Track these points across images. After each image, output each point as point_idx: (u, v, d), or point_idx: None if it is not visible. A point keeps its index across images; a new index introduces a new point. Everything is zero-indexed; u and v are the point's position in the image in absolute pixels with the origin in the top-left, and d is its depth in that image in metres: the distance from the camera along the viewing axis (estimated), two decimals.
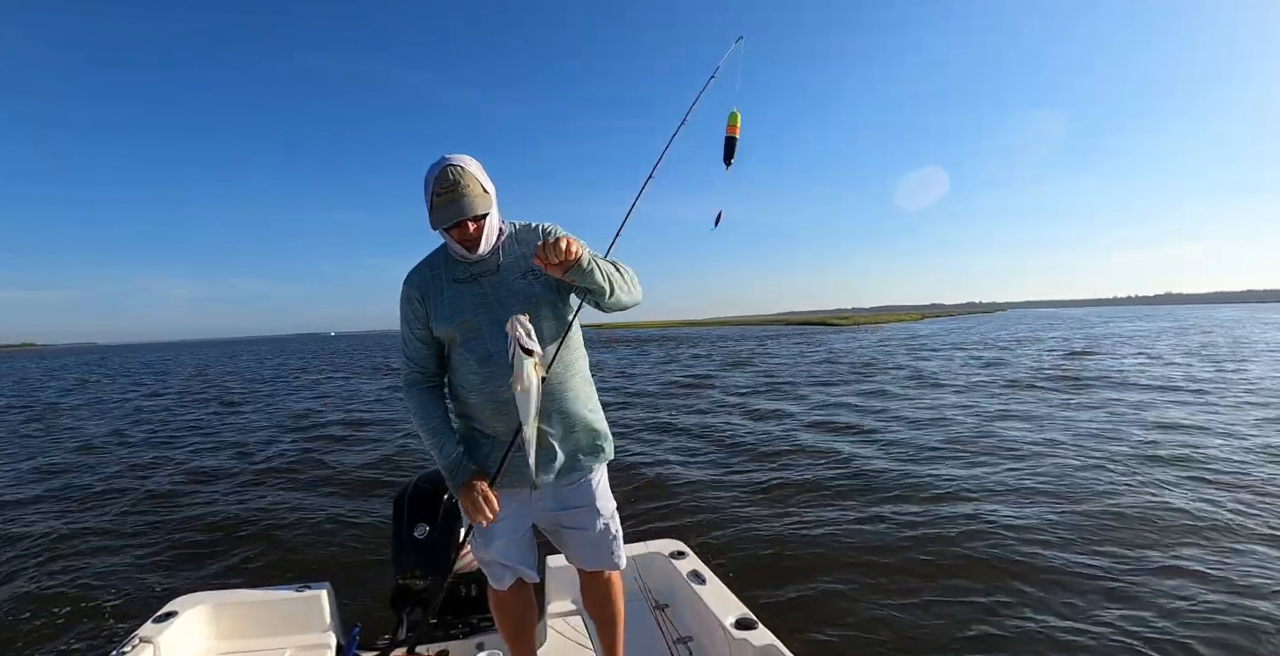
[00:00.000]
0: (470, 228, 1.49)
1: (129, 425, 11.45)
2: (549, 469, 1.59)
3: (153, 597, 3.58)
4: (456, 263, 1.60)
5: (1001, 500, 4.64)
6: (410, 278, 1.65)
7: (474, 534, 1.67)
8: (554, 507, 1.67)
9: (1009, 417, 8.27)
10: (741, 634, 1.81)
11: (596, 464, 1.68)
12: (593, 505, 1.67)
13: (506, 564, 1.69)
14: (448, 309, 1.58)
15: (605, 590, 1.78)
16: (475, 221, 1.49)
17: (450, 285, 1.59)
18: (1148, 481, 5.05)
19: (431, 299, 1.60)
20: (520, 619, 1.82)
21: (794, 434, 7.56)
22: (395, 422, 10.04)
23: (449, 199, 1.44)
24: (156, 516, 5.47)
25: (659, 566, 2.38)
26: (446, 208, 1.44)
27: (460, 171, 1.45)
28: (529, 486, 1.60)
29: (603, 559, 1.72)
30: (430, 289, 1.61)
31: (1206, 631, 2.84)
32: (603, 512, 1.69)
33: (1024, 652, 2.73)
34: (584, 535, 1.69)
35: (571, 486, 1.65)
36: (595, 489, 1.68)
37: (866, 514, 4.39)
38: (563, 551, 1.79)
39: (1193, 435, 6.79)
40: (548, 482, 1.61)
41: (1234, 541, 3.81)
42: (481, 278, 1.58)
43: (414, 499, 2.21)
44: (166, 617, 2.12)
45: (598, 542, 1.70)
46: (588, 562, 1.74)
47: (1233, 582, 3.27)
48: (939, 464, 5.67)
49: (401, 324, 1.65)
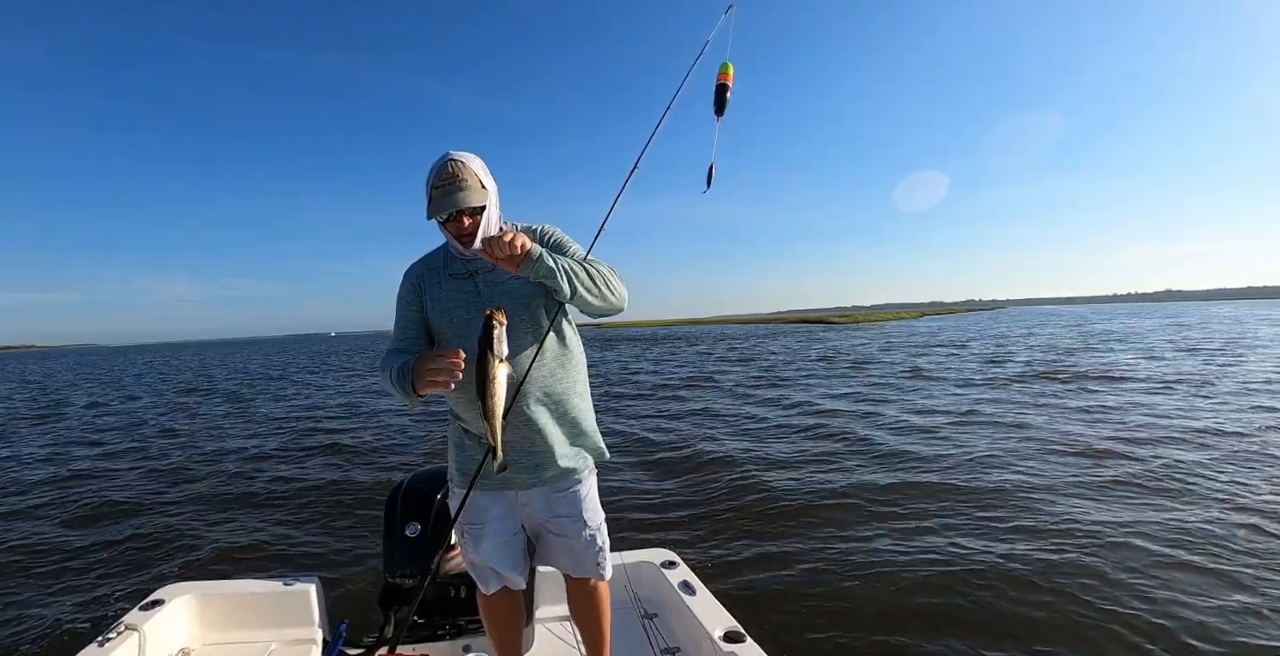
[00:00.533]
0: (465, 222, 1.49)
1: (129, 424, 11.44)
2: (539, 474, 1.58)
3: (139, 585, 3.59)
4: (455, 259, 1.61)
5: (1003, 508, 4.55)
6: (409, 270, 1.67)
7: (464, 535, 1.65)
8: (542, 514, 1.65)
9: (1006, 419, 8.28)
10: (729, 647, 1.79)
11: (587, 472, 1.67)
12: (580, 515, 1.65)
13: (494, 568, 1.67)
14: (441, 303, 1.59)
15: (590, 597, 1.77)
16: (471, 215, 1.50)
17: (447, 280, 1.60)
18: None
19: (428, 291, 1.61)
20: (507, 624, 1.81)
21: (795, 438, 7.44)
22: (392, 422, 10.04)
23: (446, 191, 1.45)
24: (146, 506, 5.51)
25: (649, 575, 2.35)
26: (443, 200, 1.45)
27: (460, 166, 1.47)
28: (515, 489, 1.60)
29: (587, 568, 1.70)
30: (428, 281, 1.62)
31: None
32: (590, 523, 1.66)
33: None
34: (568, 543, 1.67)
35: (560, 494, 1.63)
36: (584, 499, 1.66)
37: (865, 527, 4.24)
38: (548, 557, 1.75)
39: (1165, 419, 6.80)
40: (537, 488, 1.61)
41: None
42: (477, 275, 1.58)
43: (406, 498, 2.20)
44: (153, 606, 2.11)
45: (582, 553, 1.68)
46: (573, 570, 1.72)
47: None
48: (943, 473, 5.57)
49: (397, 310, 1.65)
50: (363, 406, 12.40)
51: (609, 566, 1.74)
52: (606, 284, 1.53)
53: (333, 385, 18.11)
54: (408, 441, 8.28)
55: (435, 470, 2.39)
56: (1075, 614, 3.00)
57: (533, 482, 1.59)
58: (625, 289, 1.59)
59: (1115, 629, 2.87)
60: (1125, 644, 2.76)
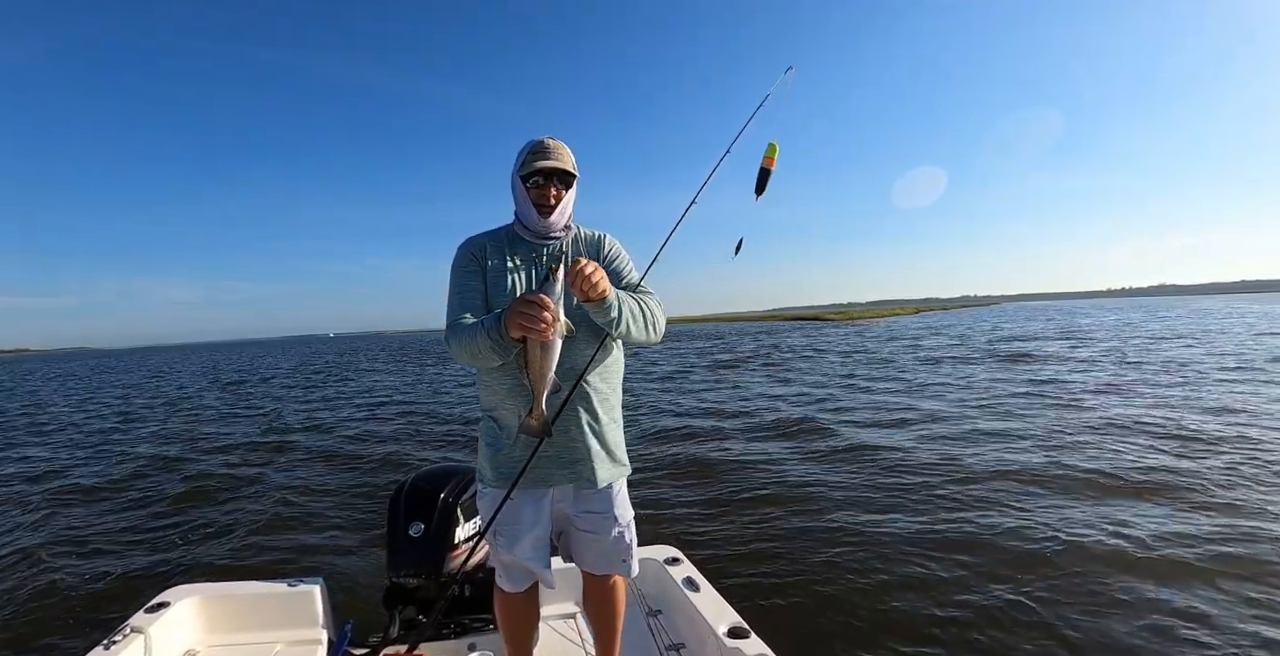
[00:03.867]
0: (552, 191, 1.55)
1: (127, 422, 11.42)
2: (576, 471, 1.59)
3: (145, 587, 3.61)
4: (521, 241, 1.62)
5: (1006, 507, 4.52)
6: (470, 240, 1.65)
7: (497, 536, 1.63)
8: (573, 510, 1.66)
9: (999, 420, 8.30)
10: (734, 642, 1.80)
11: (619, 473, 1.68)
12: (611, 512, 1.66)
13: (530, 567, 1.66)
14: (499, 287, 1.57)
15: (610, 595, 1.77)
16: (559, 186, 1.56)
17: (510, 259, 1.60)
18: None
19: (491, 263, 1.59)
20: (528, 620, 1.82)
21: (799, 435, 7.45)
22: (393, 422, 10.04)
23: (547, 155, 1.53)
24: (152, 508, 5.52)
25: (653, 572, 2.36)
26: (540, 161, 1.52)
27: (560, 143, 1.57)
28: (551, 486, 1.61)
29: (614, 564, 1.71)
30: (490, 253, 1.60)
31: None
32: (620, 520, 1.68)
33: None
34: (597, 540, 1.67)
35: (592, 491, 1.64)
36: (615, 496, 1.68)
37: (870, 524, 4.22)
38: (571, 554, 1.74)
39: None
40: (571, 486, 1.62)
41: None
42: (540, 259, 1.60)
43: (410, 498, 2.21)
44: (158, 608, 2.11)
45: (610, 550, 1.69)
46: (597, 567, 1.72)
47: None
48: (946, 474, 5.52)
49: (452, 282, 1.61)
50: (363, 407, 12.39)
51: (636, 565, 1.75)
52: (653, 326, 1.60)
53: (332, 386, 18.07)
54: (409, 442, 8.29)
55: (438, 470, 2.41)
56: (1086, 612, 2.96)
57: (569, 479, 1.61)
58: (664, 324, 1.65)
59: (1138, 626, 2.83)
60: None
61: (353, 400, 13.94)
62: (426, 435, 8.71)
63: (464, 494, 2.24)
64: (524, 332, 1.36)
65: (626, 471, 1.71)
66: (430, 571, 2.10)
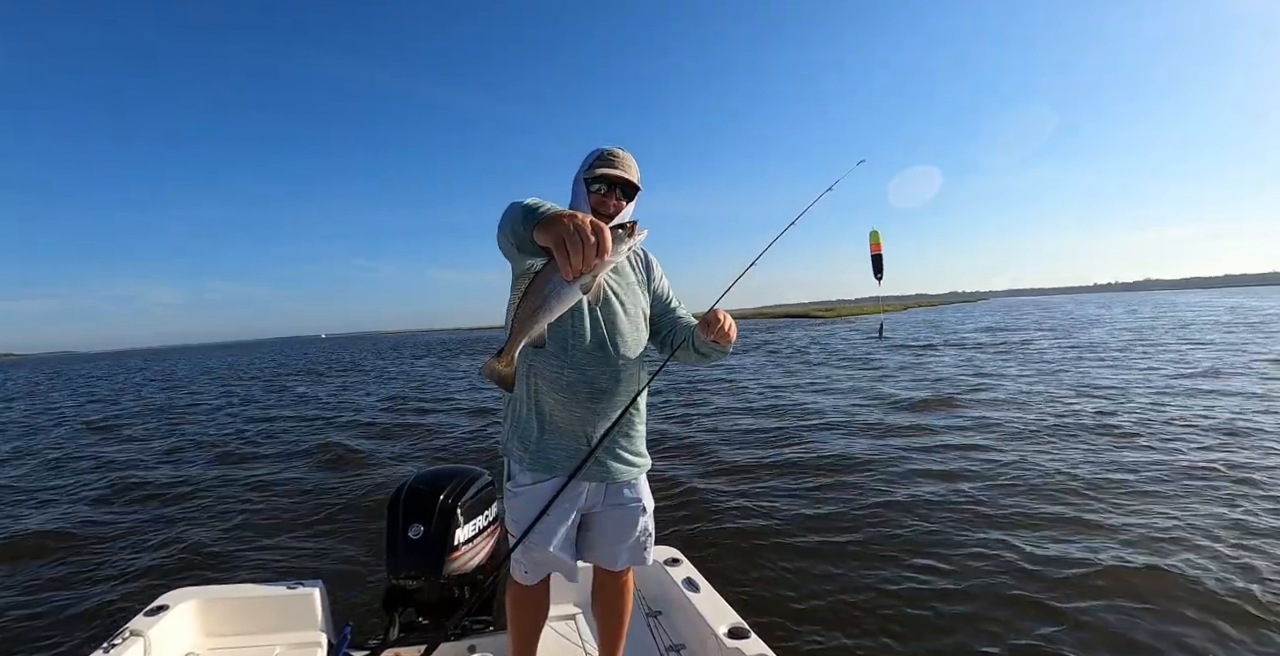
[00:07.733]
0: (613, 201, 1.58)
1: (126, 422, 11.30)
2: (606, 468, 1.63)
3: (144, 591, 3.58)
4: None
5: (1009, 506, 4.47)
6: None
7: (530, 533, 1.60)
8: (600, 505, 1.69)
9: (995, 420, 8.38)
10: (734, 643, 1.81)
11: (645, 466, 1.74)
12: (640, 502, 1.72)
13: (564, 559, 1.66)
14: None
15: (621, 591, 1.81)
16: (621, 197, 1.59)
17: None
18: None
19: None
20: (540, 614, 1.83)
21: (798, 433, 7.37)
22: (394, 423, 9.98)
23: (610, 164, 1.57)
24: (150, 511, 5.48)
25: (653, 573, 2.37)
26: (607, 169, 1.56)
27: (626, 154, 1.61)
28: (586, 481, 1.63)
29: (635, 556, 1.74)
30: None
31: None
32: (646, 509, 1.73)
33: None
34: (621, 531, 1.70)
35: (620, 485, 1.69)
36: (641, 486, 1.74)
37: (870, 524, 4.21)
38: (589, 548, 1.74)
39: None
40: (598, 482, 1.65)
41: None
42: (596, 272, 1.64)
43: (409, 499, 2.20)
44: (157, 611, 2.10)
45: (635, 540, 1.72)
46: (618, 560, 1.74)
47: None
48: (943, 471, 5.53)
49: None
50: (364, 408, 12.31)
51: (652, 555, 1.80)
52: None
53: (332, 388, 17.92)
54: (409, 443, 8.27)
55: (437, 471, 2.40)
56: (1097, 612, 2.94)
57: (602, 477, 1.64)
58: None
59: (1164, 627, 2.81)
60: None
61: (351, 401, 13.85)
62: (426, 435, 8.69)
63: (464, 495, 2.23)
64: (556, 246, 1.09)
65: (649, 465, 1.77)
66: (430, 573, 2.09)
